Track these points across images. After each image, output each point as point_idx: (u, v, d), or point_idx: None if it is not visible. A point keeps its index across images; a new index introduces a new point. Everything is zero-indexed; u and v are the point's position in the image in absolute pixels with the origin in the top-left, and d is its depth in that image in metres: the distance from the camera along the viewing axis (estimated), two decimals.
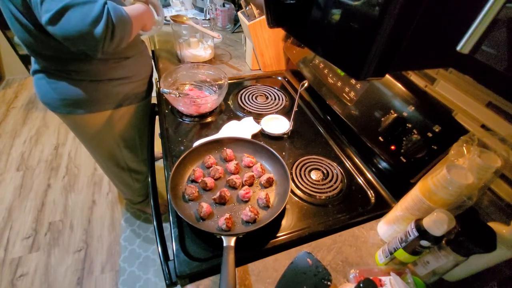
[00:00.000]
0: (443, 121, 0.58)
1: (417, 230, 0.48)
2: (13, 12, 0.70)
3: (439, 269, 0.51)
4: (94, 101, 0.90)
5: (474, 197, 0.48)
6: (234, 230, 0.60)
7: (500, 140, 0.48)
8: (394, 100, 0.67)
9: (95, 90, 0.88)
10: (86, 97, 0.87)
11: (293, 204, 0.69)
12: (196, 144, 0.77)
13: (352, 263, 0.58)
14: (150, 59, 1.07)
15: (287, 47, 1.12)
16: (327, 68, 0.90)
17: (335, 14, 0.28)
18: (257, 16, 1.04)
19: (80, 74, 0.83)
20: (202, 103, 0.88)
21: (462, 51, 0.23)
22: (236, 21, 1.48)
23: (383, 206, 0.70)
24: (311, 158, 0.81)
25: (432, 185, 0.49)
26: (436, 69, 0.64)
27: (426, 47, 0.27)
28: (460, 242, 0.46)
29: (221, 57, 1.27)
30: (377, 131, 0.69)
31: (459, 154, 0.50)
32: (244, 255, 0.57)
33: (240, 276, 0.55)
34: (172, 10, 1.62)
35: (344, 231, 0.64)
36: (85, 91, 0.86)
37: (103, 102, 0.92)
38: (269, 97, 1.04)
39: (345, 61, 0.30)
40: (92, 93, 0.88)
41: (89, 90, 0.87)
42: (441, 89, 0.63)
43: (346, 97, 0.81)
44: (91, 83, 0.86)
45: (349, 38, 0.28)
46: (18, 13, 0.69)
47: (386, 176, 0.75)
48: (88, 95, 0.87)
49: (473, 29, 0.21)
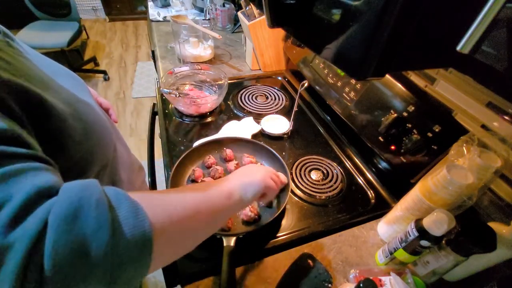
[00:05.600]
0: (443, 121, 0.58)
1: (417, 230, 0.48)
2: None
3: (439, 269, 0.51)
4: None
5: (474, 197, 0.48)
6: (234, 230, 0.60)
7: (500, 140, 0.48)
8: (394, 100, 0.67)
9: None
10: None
11: (293, 204, 0.69)
12: (196, 144, 0.77)
13: (352, 263, 0.58)
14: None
15: (287, 47, 1.12)
16: (327, 68, 0.90)
17: (335, 14, 0.28)
18: (257, 16, 1.03)
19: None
20: (202, 103, 0.88)
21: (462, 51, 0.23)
22: (236, 21, 1.48)
23: (383, 206, 0.70)
24: (311, 158, 0.81)
25: (432, 185, 0.49)
26: (436, 69, 0.63)
27: (426, 47, 0.27)
28: (460, 242, 0.46)
29: (221, 57, 1.27)
30: (377, 131, 0.69)
31: (459, 154, 0.50)
32: (244, 255, 0.57)
33: (240, 276, 0.55)
34: (172, 10, 1.62)
35: (344, 231, 0.64)
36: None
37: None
38: (269, 97, 1.04)
39: (345, 61, 0.30)
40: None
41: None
42: (441, 89, 0.63)
43: (346, 97, 0.81)
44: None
45: (349, 38, 0.28)
46: None
47: (386, 176, 0.74)
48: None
49: (473, 29, 0.21)
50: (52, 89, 0.36)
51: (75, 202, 0.23)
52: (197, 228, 0.34)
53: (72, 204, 0.23)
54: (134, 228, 0.24)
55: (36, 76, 0.34)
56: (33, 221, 0.21)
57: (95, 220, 0.23)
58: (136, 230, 0.24)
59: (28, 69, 0.34)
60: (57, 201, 0.23)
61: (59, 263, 0.21)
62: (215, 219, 0.37)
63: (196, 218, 0.32)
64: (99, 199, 0.24)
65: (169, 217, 0.29)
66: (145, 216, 0.26)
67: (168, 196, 0.32)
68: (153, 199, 0.30)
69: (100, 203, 0.24)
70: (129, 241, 0.24)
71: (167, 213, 0.29)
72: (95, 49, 3.18)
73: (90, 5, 3.59)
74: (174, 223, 0.29)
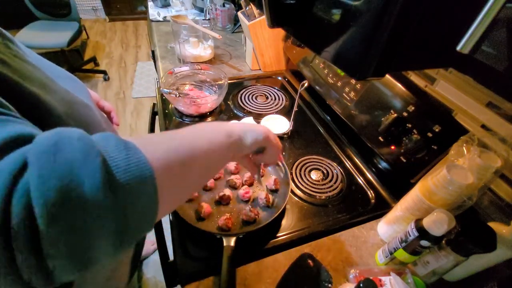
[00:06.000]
0: (443, 121, 0.58)
1: (417, 230, 0.48)
2: None
3: (439, 269, 0.51)
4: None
5: (474, 197, 0.48)
6: (234, 230, 0.60)
7: (500, 140, 0.48)
8: (394, 100, 0.67)
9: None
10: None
11: (293, 204, 0.69)
12: None
13: (352, 263, 0.58)
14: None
15: (287, 47, 1.12)
16: (327, 68, 0.90)
17: (335, 14, 0.28)
18: (257, 16, 1.03)
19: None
20: (202, 103, 0.88)
21: (462, 51, 0.22)
22: (236, 21, 1.48)
23: (383, 206, 0.70)
24: (311, 158, 0.81)
25: (432, 185, 0.49)
26: (436, 69, 0.64)
27: (426, 47, 0.27)
28: (460, 242, 0.46)
29: (221, 57, 1.27)
30: (377, 131, 0.69)
31: (459, 154, 0.50)
32: (244, 255, 0.57)
33: (240, 276, 0.55)
34: (172, 10, 1.62)
35: (344, 231, 0.64)
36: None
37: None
38: (269, 97, 1.04)
39: (345, 61, 0.30)
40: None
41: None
42: (441, 89, 0.63)
43: (346, 97, 0.81)
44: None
45: (349, 38, 0.28)
46: None
47: (386, 176, 0.74)
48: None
49: (473, 29, 0.21)
50: (50, 89, 0.36)
51: (54, 137, 0.20)
52: (197, 164, 0.31)
53: (51, 140, 0.20)
54: (128, 159, 0.22)
55: (33, 76, 0.34)
56: (9, 160, 0.19)
57: (80, 150, 0.20)
58: (130, 161, 0.22)
59: (26, 70, 0.34)
60: (35, 141, 0.20)
61: (50, 198, 0.18)
62: (215, 156, 0.35)
63: (194, 152, 0.30)
64: (81, 134, 0.22)
65: (166, 152, 0.27)
66: (136, 149, 0.23)
67: (163, 135, 0.30)
68: (143, 139, 0.27)
69: (83, 136, 0.21)
70: (126, 170, 0.21)
71: (163, 149, 0.27)
72: (95, 49, 3.18)
73: (90, 5, 3.59)
74: (171, 157, 0.27)
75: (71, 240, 0.19)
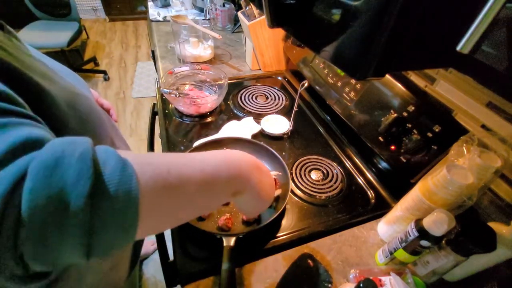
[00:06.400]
0: (443, 121, 0.58)
1: (417, 230, 0.48)
2: None
3: (439, 269, 0.51)
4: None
5: (474, 197, 0.48)
6: (234, 230, 0.60)
7: (500, 140, 0.48)
8: (394, 100, 0.67)
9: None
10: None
11: (293, 204, 0.69)
12: (196, 144, 0.77)
13: (352, 263, 0.58)
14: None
15: (287, 47, 1.12)
16: (327, 68, 0.90)
17: (335, 14, 0.28)
18: (257, 16, 1.03)
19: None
20: (202, 103, 0.88)
21: (462, 51, 0.23)
22: (236, 21, 1.48)
23: (383, 206, 0.70)
24: (311, 158, 0.81)
25: (432, 185, 0.49)
26: (436, 69, 0.63)
27: (426, 47, 0.27)
28: (460, 242, 0.46)
29: (221, 57, 1.27)
30: (377, 131, 0.69)
31: (459, 154, 0.50)
32: (244, 255, 0.57)
33: (240, 276, 0.55)
34: (172, 10, 1.62)
35: (344, 231, 0.64)
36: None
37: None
38: (269, 97, 1.04)
39: (345, 61, 0.30)
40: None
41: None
42: (441, 89, 0.63)
43: (346, 97, 0.81)
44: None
45: (349, 38, 0.28)
46: None
47: (386, 176, 0.74)
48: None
49: (473, 29, 0.21)
50: (52, 79, 0.37)
51: (58, 153, 0.22)
52: (189, 195, 0.30)
53: (54, 154, 0.22)
54: (119, 184, 0.23)
55: (35, 67, 0.35)
56: (13, 168, 0.21)
57: (76, 171, 0.22)
58: (120, 186, 0.23)
59: (29, 61, 0.35)
60: (41, 151, 0.22)
61: (36, 209, 0.20)
62: (209, 191, 0.33)
63: (188, 184, 0.29)
64: (84, 152, 0.23)
65: (161, 178, 0.26)
66: (133, 173, 0.24)
67: (164, 156, 0.30)
68: (145, 157, 0.27)
69: (84, 156, 0.23)
70: (112, 197, 0.22)
71: (157, 173, 0.26)
72: (95, 49, 3.18)
73: (90, 5, 3.59)
74: (164, 185, 0.26)
75: (40, 252, 0.21)
